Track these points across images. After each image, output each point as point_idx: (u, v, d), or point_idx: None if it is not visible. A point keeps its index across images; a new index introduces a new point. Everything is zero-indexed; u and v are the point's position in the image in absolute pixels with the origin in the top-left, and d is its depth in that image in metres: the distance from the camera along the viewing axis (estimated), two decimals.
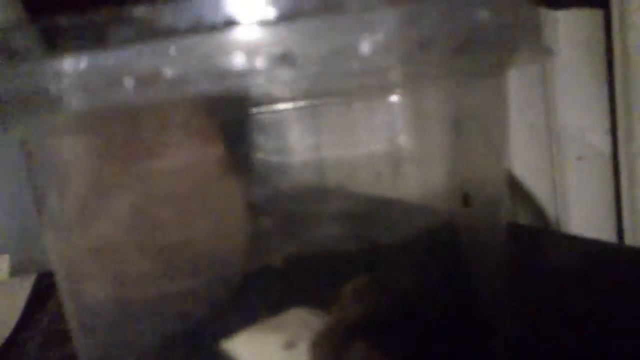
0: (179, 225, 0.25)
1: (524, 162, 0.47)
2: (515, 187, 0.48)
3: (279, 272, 0.22)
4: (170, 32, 0.12)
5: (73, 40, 0.12)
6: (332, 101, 0.23)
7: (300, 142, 0.26)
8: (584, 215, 0.45)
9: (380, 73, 0.13)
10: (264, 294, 0.20)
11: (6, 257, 0.39)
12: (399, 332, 0.16)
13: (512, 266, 0.21)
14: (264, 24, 0.11)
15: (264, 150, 0.25)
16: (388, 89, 0.22)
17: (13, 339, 0.29)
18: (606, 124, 0.44)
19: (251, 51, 0.11)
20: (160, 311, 0.21)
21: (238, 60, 0.11)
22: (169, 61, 0.11)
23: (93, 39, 0.11)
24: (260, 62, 0.11)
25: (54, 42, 0.12)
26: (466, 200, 0.19)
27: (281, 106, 0.23)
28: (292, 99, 0.23)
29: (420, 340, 0.16)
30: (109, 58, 0.11)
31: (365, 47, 0.11)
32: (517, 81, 0.46)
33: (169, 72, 0.11)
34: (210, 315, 0.20)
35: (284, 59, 0.11)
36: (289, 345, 0.16)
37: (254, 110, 0.22)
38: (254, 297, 0.20)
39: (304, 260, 0.23)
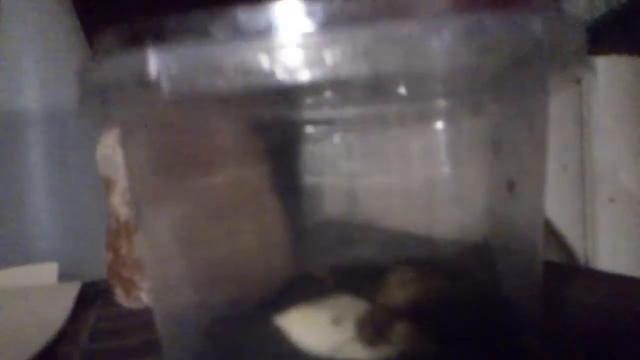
0: (225, 238, 0.26)
1: (556, 202, 0.48)
2: (545, 226, 0.48)
3: (321, 279, 0.23)
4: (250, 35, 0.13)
5: (175, 36, 0.13)
6: (378, 124, 0.24)
7: (340, 167, 0.27)
8: (613, 257, 0.46)
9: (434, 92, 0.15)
10: (309, 291, 0.21)
11: (55, 265, 0.41)
12: (439, 319, 0.18)
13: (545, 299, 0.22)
14: (338, 25, 0.13)
15: (308, 172, 0.26)
16: (433, 116, 0.23)
17: (63, 334, 0.31)
18: None
19: (328, 48, 0.12)
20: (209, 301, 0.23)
21: (318, 55, 0.12)
22: (254, 56, 0.13)
23: (192, 35, 0.13)
24: (337, 58, 0.12)
25: (161, 37, 0.14)
26: (510, 187, 0.20)
27: (326, 129, 0.25)
28: (339, 121, 0.24)
29: (457, 326, 0.18)
30: (206, 51, 0.13)
31: (433, 47, 0.12)
32: (552, 121, 0.47)
33: (256, 65, 0.13)
34: (259, 304, 0.21)
35: (362, 54, 0.12)
36: (337, 321, 0.18)
37: (300, 132, 0.24)
38: (299, 293, 0.21)
39: (347, 270, 0.24)
